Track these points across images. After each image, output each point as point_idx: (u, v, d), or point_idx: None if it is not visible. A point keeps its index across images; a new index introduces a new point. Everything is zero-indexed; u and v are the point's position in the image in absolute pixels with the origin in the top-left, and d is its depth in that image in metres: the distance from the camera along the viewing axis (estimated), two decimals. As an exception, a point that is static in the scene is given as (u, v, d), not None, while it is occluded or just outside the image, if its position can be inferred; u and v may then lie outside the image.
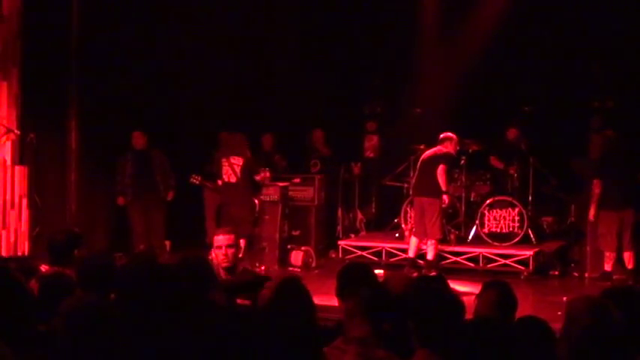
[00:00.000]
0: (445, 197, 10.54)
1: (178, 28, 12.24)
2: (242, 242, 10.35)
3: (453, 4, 13.39)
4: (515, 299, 4.52)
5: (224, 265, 6.00)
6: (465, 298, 4.16)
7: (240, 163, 10.87)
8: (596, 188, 10.27)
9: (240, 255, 10.21)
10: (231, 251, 6.12)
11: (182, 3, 12.32)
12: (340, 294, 4.78)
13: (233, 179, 10.87)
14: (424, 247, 10.63)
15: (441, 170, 10.47)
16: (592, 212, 10.33)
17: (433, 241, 10.49)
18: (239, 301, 5.00)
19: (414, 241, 10.67)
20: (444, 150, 10.72)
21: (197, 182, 11.38)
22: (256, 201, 11.36)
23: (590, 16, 12.22)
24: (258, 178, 11.12)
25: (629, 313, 3.93)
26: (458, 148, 10.89)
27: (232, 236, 6.25)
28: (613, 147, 10.42)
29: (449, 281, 5.24)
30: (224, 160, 10.96)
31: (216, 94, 12.59)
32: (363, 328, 3.97)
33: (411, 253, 10.66)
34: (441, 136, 10.79)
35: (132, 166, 11.49)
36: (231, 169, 10.84)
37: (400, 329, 3.89)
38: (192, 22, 12.28)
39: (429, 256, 10.49)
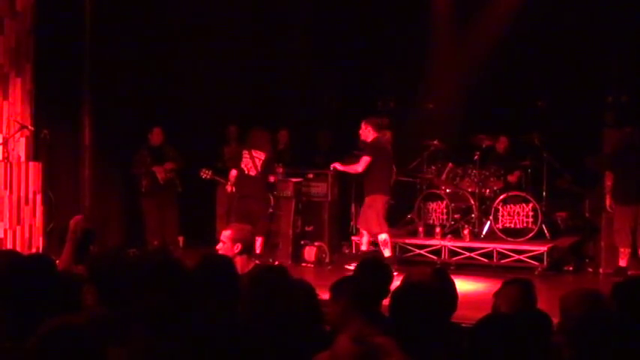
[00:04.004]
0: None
1: (192, 24, 12.24)
2: (260, 239, 10.34)
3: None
4: (536, 297, 4.51)
5: None
6: (476, 294, 4.16)
7: (263, 158, 10.79)
8: (608, 180, 10.30)
9: (259, 252, 10.24)
10: (223, 246, 6.20)
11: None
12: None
13: (253, 172, 10.77)
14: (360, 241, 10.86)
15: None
16: (608, 202, 10.41)
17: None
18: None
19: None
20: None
21: (207, 177, 11.33)
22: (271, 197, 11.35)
23: (604, 11, 12.17)
24: (272, 179, 11.06)
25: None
26: None
27: (230, 232, 6.30)
28: (629, 142, 10.39)
29: (462, 277, 5.23)
30: (245, 151, 10.85)
31: (230, 90, 12.59)
32: (357, 322, 3.99)
33: (365, 247, 10.84)
34: (381, 122, 10.85)
35: (148, 161, 11.57)
36: (252, 162, 10.75)
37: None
38: (205, 18, 12.28)
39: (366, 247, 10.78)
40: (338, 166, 10.94)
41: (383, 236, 10.52)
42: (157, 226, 11.62)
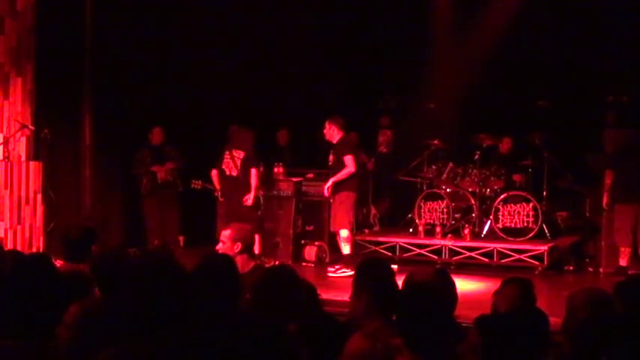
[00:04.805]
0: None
1: (192, 23, 12.24)
2: (257, 238, 10.28)
3: (467, -1, 13.38)
4: (535, 296, 4.51)
5: None
6: (476, 294, 4.16)
7: (242, 157, 10.68)
8: (608, 179, 10.30)
9: (258, 252, 10.22)
10: (223, 246, 6.25)
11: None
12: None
13: (234, 172, 10.66)
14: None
15: None
16: (605, 201, 10.38)
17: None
18: (247, 296, 4.99)
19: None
20: None
21: (198, 187, 11.23)
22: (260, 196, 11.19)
23: (605, 10, 12.17)
24: (255, 176, 10.73)
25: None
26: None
27: (229, 232, 6.33)
28: (632, 143, 10.39)
29: (462, 276, 5.24)
30: (227, 152, 10.78)
31: (231, 89, 12.60)
32: (376, 322, 4.00)
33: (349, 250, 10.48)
34: (345, 121, 10.62)
35: (149, 161, 11.59)
36: (233, 162, 10.66)
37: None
38: (206, 16, 12.28)
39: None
40: (330, 184, 10.45)
41: (345, 232, 10.31)
42: (157, 226, 11.64)
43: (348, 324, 4.25)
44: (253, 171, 10.61)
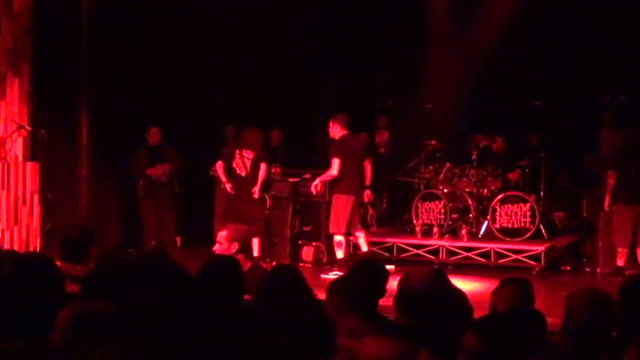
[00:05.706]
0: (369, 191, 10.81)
1: (189, 23, 12.24)
2: (257, 241, 10.26)
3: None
4: (533, 296, 4.51)
5: None
6: (474, 294, 4.16)
7: (251, 157, 10.69)
8: (610, 179, 10.28)
9: (257, 254, 10.21)
10: (220, 246, 6.25)
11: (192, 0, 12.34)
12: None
13: (243, 172, 10.66)
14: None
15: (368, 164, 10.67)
16: (607, 202, 10.36)
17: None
18: (245, 296, 5.00)
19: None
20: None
21: (216, 175, 11.22)
22: (267, 197, 11.22)
23: (602, 10, 12.19)
24: (262, 171, 10.66)
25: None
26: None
27: (226, 233, 6.33)
28: (632, 143, 10.38)
29: (460, 277, 5.25)
30: (237, 152, 10.77)
31: (227, 89, 12.60)
32: (351, 320, 4.02)
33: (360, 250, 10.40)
34: (348, 119, 10.35)
35: (146, 162, 11.60)
36: (242, 162, 10.67)
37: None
38: (202, 18, 12.29)
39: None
40: (317, 182, 10.48)
41: (338, 237, 10.15)
42: (155, 226, 11.65)
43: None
44: (263, 165, 10.61)
